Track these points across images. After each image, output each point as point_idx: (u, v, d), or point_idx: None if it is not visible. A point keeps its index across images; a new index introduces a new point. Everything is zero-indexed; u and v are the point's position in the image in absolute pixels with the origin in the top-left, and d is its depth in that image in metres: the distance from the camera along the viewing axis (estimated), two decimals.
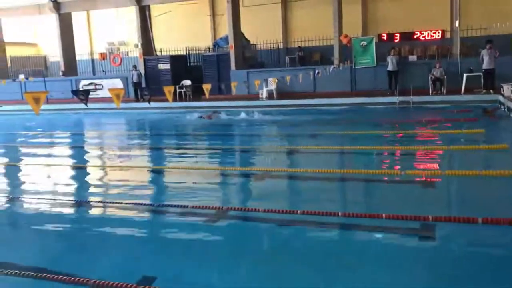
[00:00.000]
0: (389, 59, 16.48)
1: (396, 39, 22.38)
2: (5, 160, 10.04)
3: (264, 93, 18.19)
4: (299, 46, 24.11)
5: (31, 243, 4.89)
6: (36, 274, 3.84)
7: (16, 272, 3.87)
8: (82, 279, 3.69)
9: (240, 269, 3.96)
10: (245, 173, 7.58)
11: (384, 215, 4.74)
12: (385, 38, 22.49)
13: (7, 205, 6.37)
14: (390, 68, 16.44)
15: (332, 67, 17.63)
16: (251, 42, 22.78)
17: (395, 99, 15.16)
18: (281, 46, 25.33)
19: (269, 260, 4.11)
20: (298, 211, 5.10)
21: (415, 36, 22.30)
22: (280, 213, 5.14)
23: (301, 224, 4.88)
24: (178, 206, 5.58)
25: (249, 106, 17.11)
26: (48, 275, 3.79)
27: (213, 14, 27.32)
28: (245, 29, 21.30)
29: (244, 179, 7.41)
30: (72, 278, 3.70)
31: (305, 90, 18.05)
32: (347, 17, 19.76)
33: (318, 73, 17.66)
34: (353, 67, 17.76)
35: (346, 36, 18.41)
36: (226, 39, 21.74)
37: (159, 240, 4.78)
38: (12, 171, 8.78)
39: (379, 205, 5.55)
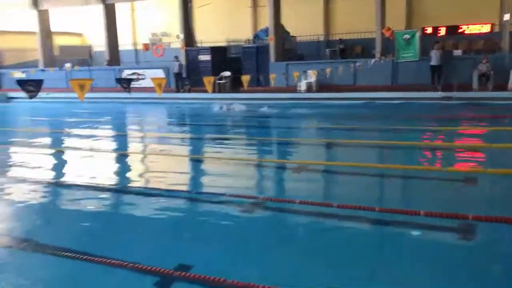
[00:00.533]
0: (432, 53, 16.05)
1: (440, 33, 21.78)
2: (50, 145, 10.45)
3: (303, 85, 18.11)
4: (340, 39, 23.84)
5: (75, 226, 5.09)
6: (77, 255, 3.99)
7: (60, 253, 4.06)
8: (120, 261, 3.82)
9: (274, 260, 4.00)
10: (283, 165, 7.62)
11: (422, 212, 4.67)
12: (429, 32, 21.92)
13: (50, 189, 6.65)
14: (433, 62, 16.02)
15: (373, 60, 17.35)
16: (291, 34, 22.68)
17: (437, 94, 14.79)
18: (321, 38, 25.12)
19: (304, 252, 4.13)
20: (334, 204, 5.10)
21: (460, 30, 21.63)
22: (316, 206, 5.14)
23: (337, 218, 4.87)
24: (215, 194, 5.67)
25: (288, 98, 17.09)
26: (88, 257, 3.94)
27: (254, 6, 27.33)
28: (285, 21, 21.22)
29: (282, 171, 7.44)
30: (111, 261, 3.84)
31: (345, 83, 17.86)
32: (390, 10, 19.39)
33: (359, 66, 17.43)
34: (395, 60, 17.41)
35: (388, 29, 18.07)
36: (266, 31, 21.73)
37: (196, 228, 4.87)
38: (56, 157, 9.13)
39: (417, 201, 5.47)
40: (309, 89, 18.01)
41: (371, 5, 19.24)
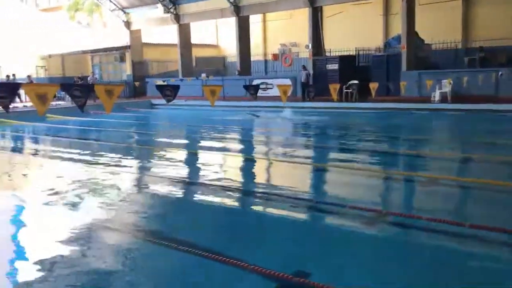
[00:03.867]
0: None
1: None
2: (185, 147, 11.21)
3: (437, 95, 17.06)
4: (481, 46, 22.00)
5: (203, 223, 5.35)
6: (205, 254, 4.15)
7: (192, 250, 4.29)
8: (241, 262, 3.90)
9: (393, 277, 3.78)
10: (410, 178, 7.23)
11: None
12: None
13: (183, 189, 7.10)
14: None
15: None
16: (425, 42, 21.53)
17: None
18: (459, 46, 23.45)
19: (424, 275, 3.82)
20: (466, 224, 4.66)
21: None
22: (445, 224, 4.74)
23: (468, 239, 4.45)
24: (337, 204, 5.55)
25: (420, 109, 16.23)
26: (215, 256, 4.07)
27: (386, 14, 26.52)
28: (419, 28, 20.22)
29: (409, 184, 7.07)
30: (232, 260, 3.95)
31: (485, 94, 16.40)
32: None
33: (501, 74, 15.90)
34: None
35: None
36: (398, 38, 20.94)
37: (316, 236, 4.82)
38: (190, 158, 9.74)
39: None
40: (443, 99, 16.90)
41: None
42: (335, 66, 21.00)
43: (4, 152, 11.64)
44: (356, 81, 19.20)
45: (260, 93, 19.46)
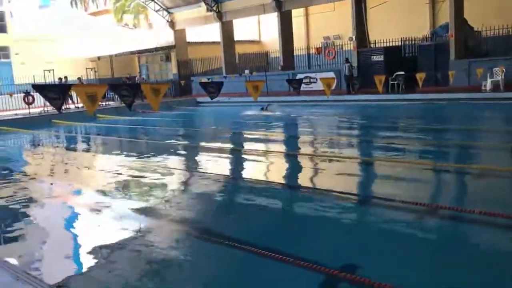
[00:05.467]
0: None
1: None
2: (230, 144, 11.32)
3: (488, 84, 16.39)
4: None
5: (251, 219, 5.40)
6: (255, 249, 4.18)
7: (235, 244, 4.34)
8: (290, 258, 3.90)
9: (444, 273, 3.67)
10: (462, 170, 7.00)
11: None
12: None
13: (226, 184, 7.18)
14: None
15: None
16: (475, 29, 20.69)
17: None
18: (511, 32, 22.37)
19: (482, 270, 3.70)
20: None
21: None
22: (499, 217, 4.56)
23: None
24: (385, 199, 5.45)
25: (470, 99, 15.64)
26: (264, 252, 4.09)
27: (433, 2, 25.70)
28: (468, 15, 19.46)
29: (459, 176, 6.85)
30: (280, 256, 3.96)
31: None
32: None
33: None
34: None
35: None
36: (446, 27, 20.25)
37: (364, 230, 4.77)
38: (234, 155, 9.83)
39: None
40: (495, 88, 16.21)
41: None
42: (380, 58, 20.58)
43: (59, 151, 12.16)
44: (402, 72, 18.73)
45: (303, 87, 19.38)
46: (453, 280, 3.53)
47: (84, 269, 4.10)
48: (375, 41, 22.68)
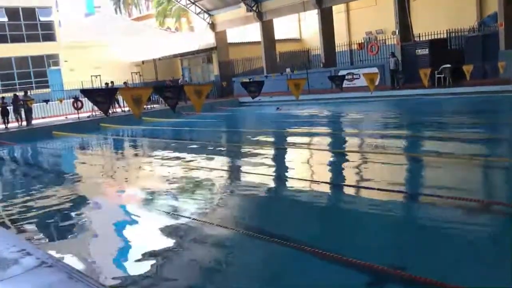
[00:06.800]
0: None
1: None
2: (274, 143, 11.33)
3: None
4: None
5: (298, 217, 5.40)
6: (302, 247, 4.18)
7: (289, 244, 4.34)
8: (337, 255, 3.87)
9: (497, 272, 3.53)
10: None
11: None
12: None
13: (279, 185, 7.19)
14: None
15: None
16: None
17: None
18: None
19: None
20: None
21: None
22: None
23: None
24: (434, 195, 5.31)
25: None
26: (311, 249, 4.09)
27: None
28: None
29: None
30: (330, 254, 3.92)
31: None
32: None
33: None
34: None
35: None
36: (494, 16, 19.48)
37: (412, 229, 4.66)
38: (278, 155, 9.83)
39: None
40: None
41: None
42: (425, 51, 20.00)
43: (108, 153, 12.55)
44: (448, 65, 18.14)
45: (346, 84, 19.11)
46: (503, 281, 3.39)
47: (136, 271, 4.20)
48: (419, 34, 22.07)
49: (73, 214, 6.19)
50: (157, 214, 5.84)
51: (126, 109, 21.06)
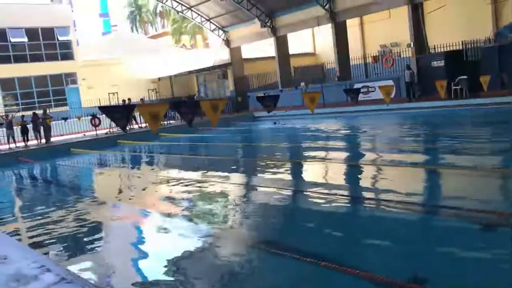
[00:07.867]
0: None
1: None
2: (289, 157, 11.31)
3: None
4: None
5: (313, 231, 5.37)
6: (320, 262, 4.15)
7: (307, 259, 4.32)
8: (356, 270, 3.84)
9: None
10: None
11: None
12: None
13: (296, 198, 7.17)
14: None
15: None
16: None
17: None
18: None
19: None
20: None
21: None
22: None
23: None
24: (452, 208, 5.24)
25: None
26: (329, 264, 4.06)
27: (495, 1, 24.60)
28: None
29: None
30: (348, 268, 3.89)
31: None
32: None
33: None
34: None
35: None
36: (510, 27, 19.30)
37: (430, 241, 4.60)
38: (298, 168, 9.82)
39: None
40: None
41: None
42: (441, 63, 19.88)
43: (126, 170, 12.67)
44: (465, 76, 17.98)
45: (361, 97, 19.06)
46: None
47: (154, 283, 4.21)
48: (434, 46, 21.97)
49: (91, 230, 6.25)
50: (176, 232, 5.86)
51: (143, 125, 21.27)
